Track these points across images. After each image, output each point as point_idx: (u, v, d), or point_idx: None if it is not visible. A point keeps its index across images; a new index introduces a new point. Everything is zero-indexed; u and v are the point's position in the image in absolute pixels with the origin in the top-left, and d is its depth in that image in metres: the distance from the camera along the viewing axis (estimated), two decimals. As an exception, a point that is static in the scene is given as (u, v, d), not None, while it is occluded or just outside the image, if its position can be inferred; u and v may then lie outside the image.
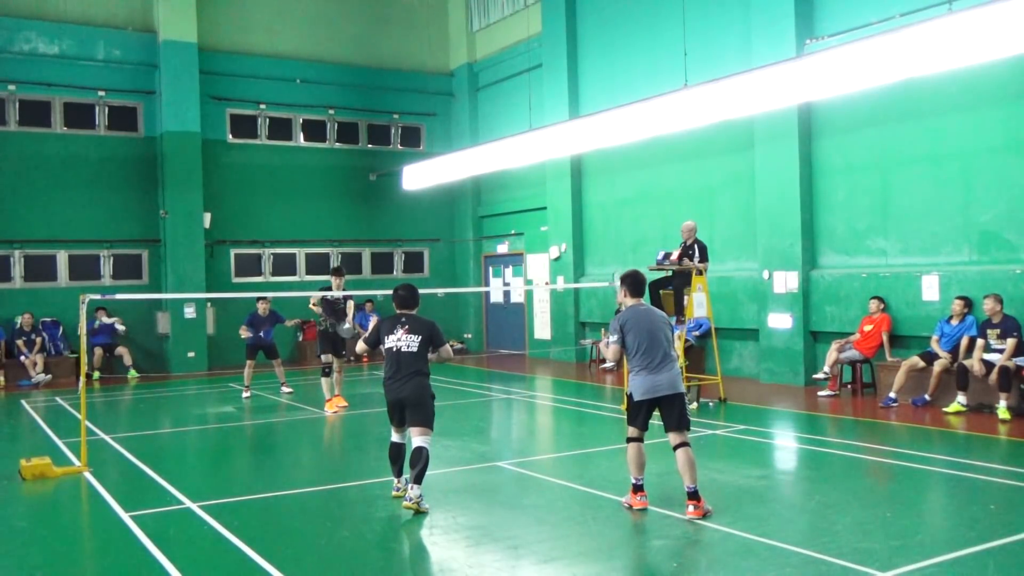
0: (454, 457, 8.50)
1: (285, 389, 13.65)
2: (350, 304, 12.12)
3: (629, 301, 6.57)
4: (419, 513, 6.28)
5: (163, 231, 17.46)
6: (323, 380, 11.86)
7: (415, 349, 6.57)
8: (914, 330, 11.38)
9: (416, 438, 6.47)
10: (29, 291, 16.67)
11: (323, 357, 11.89)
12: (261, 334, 13.53)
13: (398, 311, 6.83)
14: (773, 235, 13.06)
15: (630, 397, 6.48)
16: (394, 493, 6.76)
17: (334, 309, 11.83)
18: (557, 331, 18.04)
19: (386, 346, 6.66)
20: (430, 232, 21.12)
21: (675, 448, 6.28)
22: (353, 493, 7.16)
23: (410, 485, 6.33)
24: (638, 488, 6.34)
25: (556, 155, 15.62)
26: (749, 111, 11.03)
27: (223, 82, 18.47)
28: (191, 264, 17.41)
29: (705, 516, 6.02)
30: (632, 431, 6.45)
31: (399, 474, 6.76)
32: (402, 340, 6.60)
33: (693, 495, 6.10)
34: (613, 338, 6.47)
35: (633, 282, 6.58)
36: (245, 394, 13.19)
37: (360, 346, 7.02)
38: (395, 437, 6.78)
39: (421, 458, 6.35)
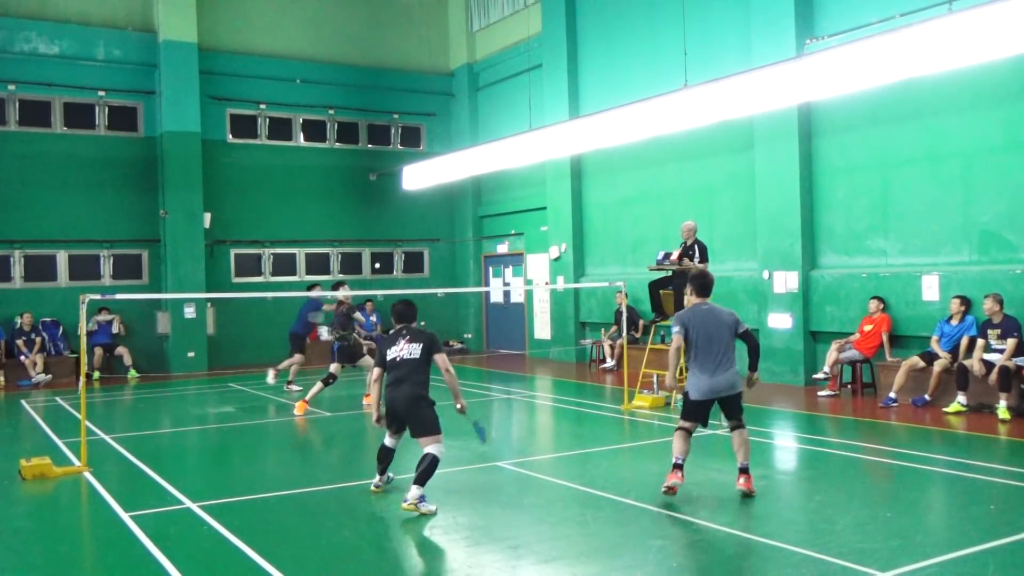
0: (454, 457, 8.49)
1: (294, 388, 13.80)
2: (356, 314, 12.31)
3: (694, 300, 6.82)
4: (423, 515, 6.25)
5: (163, 231, 17.46)
6: (320, 384, 11.67)
7: (416, 356, 6.66)
8: (914, 330, 11.38)
9: (425, 447, 6.51)
10: (29, 291, 16.67)
11: (333, 367, 11.74)
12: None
13: (397, 325, 6.93)
14: (773, 235, 13.06)
15: (686, 395, 6.73)
16: (373, 488, 7.02)
17: (339, 319, 11.89)
18: (557, 331, 18.04)
19: (389, 359, 6.74)
20: (430, 232, 21.13)
21: (732, 429, 6.72)
22: (353, 493, 7.16)
23: (413, 485, 6.35)
24: (678, 467, 6.58)
25: (556, 155, 15.62)
26: (749, 111, 11.03)
27: (223, 82, 18.48)
28: (191, 264, 17.41)
29: (752, 494, 6.46)
30: (686, 423, 6.71)
31: (382, 472, 7.02)
32: (404, 349, 6.71)
33: (744, 470, 6.58)
34: (676, 329, 6.68)
35: (700, 283, 6.83)
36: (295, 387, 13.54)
37: (375, 373, 6.92)
38: (387, 441, 6.95)
39: (425, 461, 6.41)
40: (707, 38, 14.06)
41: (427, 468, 6.39)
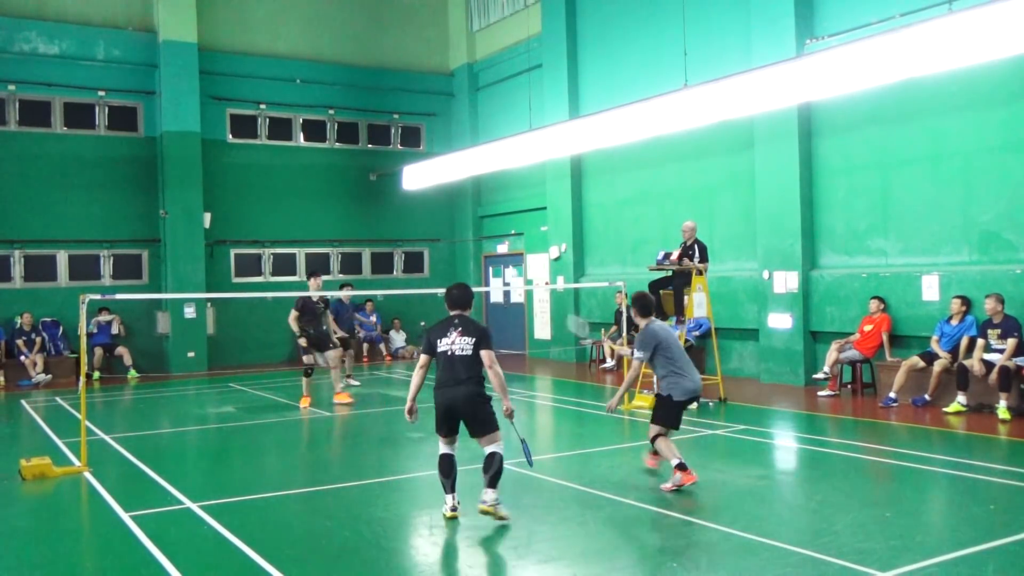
0: (454, 457, 8.50)
1: (353, 382, 14.10)
2: (328, 315, 12.57)
3: (644, 320, 7.32)
4: (500, 519, 6.02)
5: (163, 231, 17.46)
6: (304, 380, 12.09)
7: (469, 352, 6.17)
8: (914, 330, 11.38)
9: (487, 447, 6.19)
10: (29, 291, 16.67)
11: (306, 358, 12.03)
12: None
13: (451, 312, 6.42)
14: (773, 235, 13.06)
15: (668, 398, 7.11)
16: (448, 513, 6.21)
17: (315, 313, 12.07)
18: (557, 331, 18.04)
19: (439, 350, 6.24)
20: (430, 232, 21.12)
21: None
22: (353, 493, 7.16)
23: (485, 490, 6.08)
24: (684, 467, 6.82)
25: (556, 155, 15.62)
26: (749, 111, 11.03)
27: (223, 82, 18.47)
28: (191, 264, 17.41)
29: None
30: (662, 429, 7.09)
31: (452, 489, 6.27)
32: (456, 343, 6.20)
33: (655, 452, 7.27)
34: (640, 355, 7.19)
35: (645, 304, 7.39)
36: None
37: (421, 359, 6.38)
38: (445, 448, 6.32)
39: (495, 462, 6.10)
40: (707, 38, 14.06)
41: (498, 468, 6.09)
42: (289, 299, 17.40)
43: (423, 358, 6.38)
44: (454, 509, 6.21)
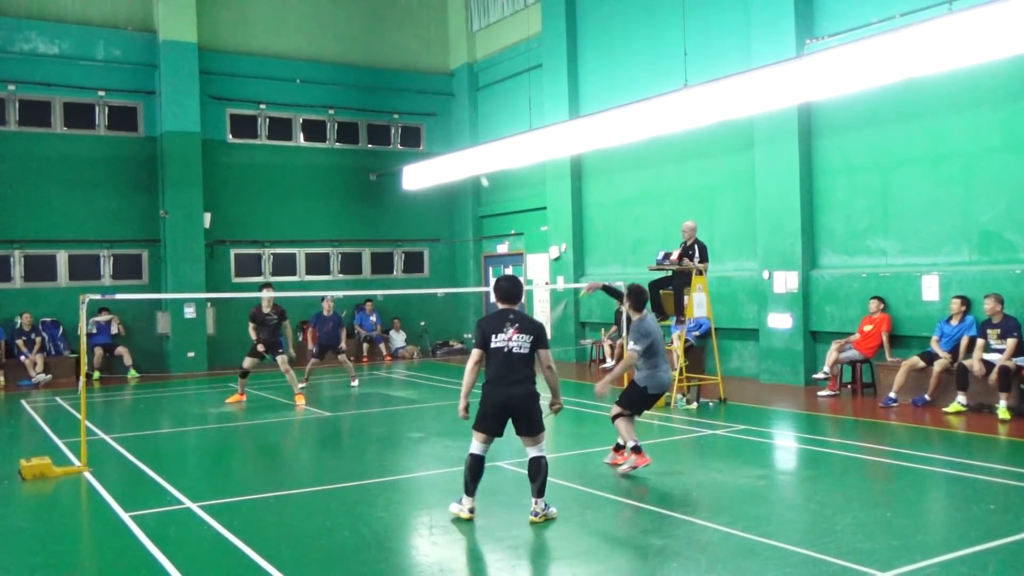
0: (454, 457, 8.50)
1: (354, 384, 14.38)
2: (287, 323, 12.84)
3: (636, 314, 7.65)
4: (548, 520, 6.01)
5: (163, 231, 17.46)
6: (240, 380, 12.68)
7: (527, 351, 6.00)
8: (914, 330, 11.38)
9: (531, 449, 6.08)
10: (29, 291, 16.67)
11: (247, 361, 12.59)
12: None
13: (502, 306, 6.17)
14: (773, 235, 13.06)
15: (643, 389, 7.52)
16: (465, 514, 6.06)
17: (265, 323, 12.52)
18: (557, 331, 18.03)
19: (493, 346, 6.01)
20: (430, 232, 21.12)
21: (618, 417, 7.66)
22: (353, 493, 7.15)
23: (534, 500, 6.00)
24: (639, 449, 7.35)
25: (556, 155, 15.62)
26: (749, 111, 11.03)
27: (223, 82, 18.48)
28: (191, 264, 17.41)
29: (624, 470, 7.38)
30: (626, 412, 7.58)
31: (474, 492, 6.08)
32: (513, 340, 5.99)
33: (619, 448, 7.76)
34: (638, 347, 7.43)
35: (640, 299, 7.73)
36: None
37: (475, 355, 6.12)
38: (479, 449, 6.11)
39: (541, 469, 5.99)
40: (707, 38, 14.06)
41: (545, 474, 6.01)
42: (290, 299, 17.50)
43: (477, 353, 6.10)
44: (471, 511, 6.07)
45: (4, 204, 16.52)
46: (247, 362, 12.61)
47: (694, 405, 11.06)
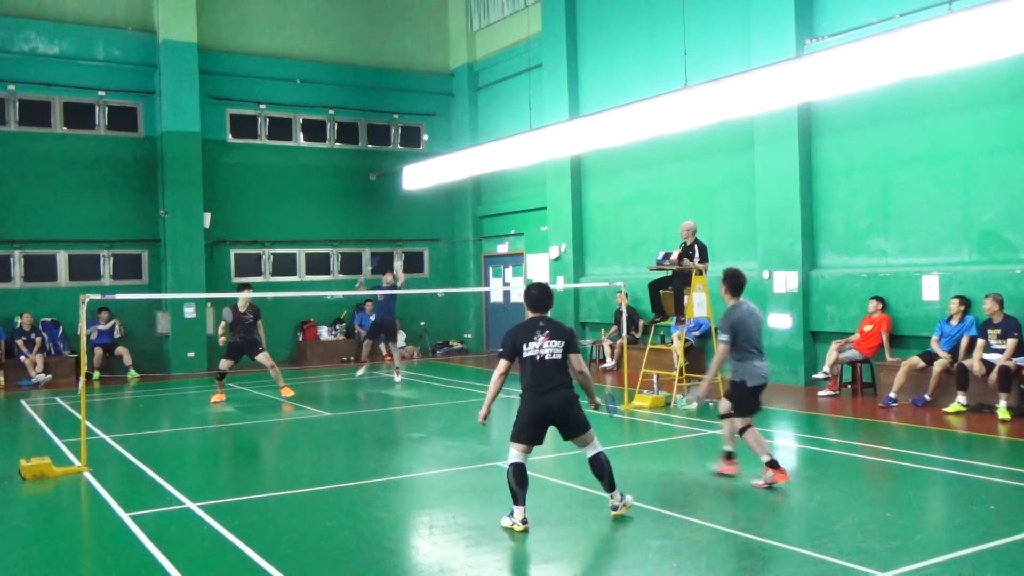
0: (454, 457, 8.51)
1: (397, 378, 14.80)
2: (260, 324, 13.01)
3: (733, 300, 7.14)
4: (628, 510, 6.12)
5: (163, 231, 17.46)
6: (217, 381, 12.89)
7: (559, 357, 6.02)
8: (914, 330, 11.38)
9: (586, 449, 6.10)
10: (29, 291, 16.67)
11: (224, 363, 12.71)
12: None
13: (533, 314, 6.22)
14: (773, 235, 13.06)
15: (741, 384, 7.01)
16: (519, 527, 5.82)
17: (241, 322, 12.67)
18: (557, 331, 18.00)
19: (526, 354, 6.03)
20: (430, 232, 21.12)
21: (726, 416, 7.28)
22: (353, 493, 7.15)
23: (610, 494, 6.06)
24: (775, 464, 6.87)
25: (556, 155, 15.62)
26: (749, 111, 11.03)
27: (223, 82, 18.47)
28: (191, 264, 17.41)
29: (734, 473, 7.08)
30: (745, 420, 7.05)
31: (524, 500, 5.88)
32: (544, 347, 6.01)
33: (729, 456, 7.27)
34: (726, 338, 6.97)
35: (736, 283, 7.15)
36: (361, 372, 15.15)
37: (501, 366, 6.15)
38: (520, 457, 5.98)
39: (604, 465, 6.03)
40: (707, 38, 14.06)
41: (610, 469, 6.05)
42: (290, 299, 17.55)
43: (504, 364, 6.13)
44: (525, 522, 5.84)
45: (4, 204, 16.52)
46: (224, 364, 12.72)
47: (694, 405, 11.06)
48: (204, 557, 5.53)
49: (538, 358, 6.03)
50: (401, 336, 19.73)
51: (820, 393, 11.71)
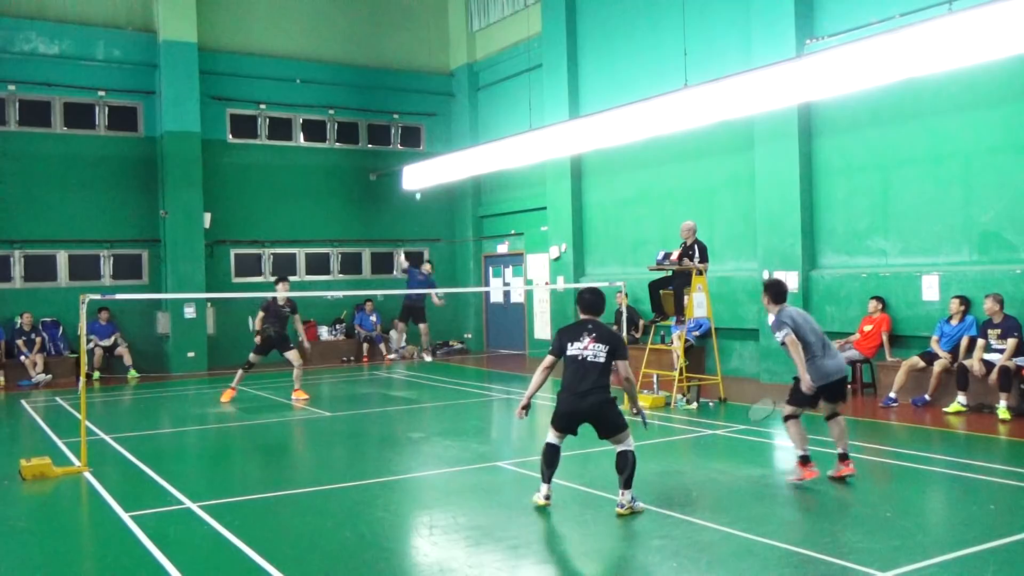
0: (454, 457, 8.51)
1: (427, 357, 15.58)
2: (298, 317, 12.95)
3: (776, 307, 7.09)
4: (634, 514, 6.11)
5: (163, 231, 17.46)
6: (240, 371, 12.75)
7: (602, 360, 6.14)
8: (914, 330, 11.38)
9: (619, 446, 6.23)
10: (29, 291, 16.67)
11: (254, 356, 12.67)
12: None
13: (583, 316, 6.39)
14: (773, 235, 13.06)
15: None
16: (542, 501, 6.32)
17: (278, 315, 12.58)
18: (556, 331, 18.00)
19: (569, 353, 6.22)
20: (430, 232, 21.12)
21: (831, 417, 7.15)
22: (353, 493, 7.15)
23: (622, 491, 6.12)
24: (807, 460, 6.85)
25: (556, 155, 15.62)
26: (749, 111, 11.04)
27: (223, 82, 18.48)
28: (191, 264, 17.41)
29: (852, 474, 6.86)
30: (794, 410, 7.06)
31: (550, 479, 6.35)
32: (588, 349, 6.16)
33: (844, 457, 6.98)
34: (784, 331, 6.89)
35: (778, 291, 7.14)
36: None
37: (546, 360, 6.41)
38: (554, 439, 6.35)
39: (628, 462, 6.14)
40: (707, 38, 14.06)
41: (632, 467, 6.14)
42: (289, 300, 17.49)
43: (549, 359, 6.38)
44: (547, 498, 6.31)
45: (4, 204, 16.52)
46: (254, 357, 12.63)
47: (694, 405, 11.06)
48: (204, 557, 5.53)
49: (580, 358, 6.20)
50: (402, 336, 19.75)
51: (820, 393, 11.69)
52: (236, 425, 11.02)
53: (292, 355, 12.67)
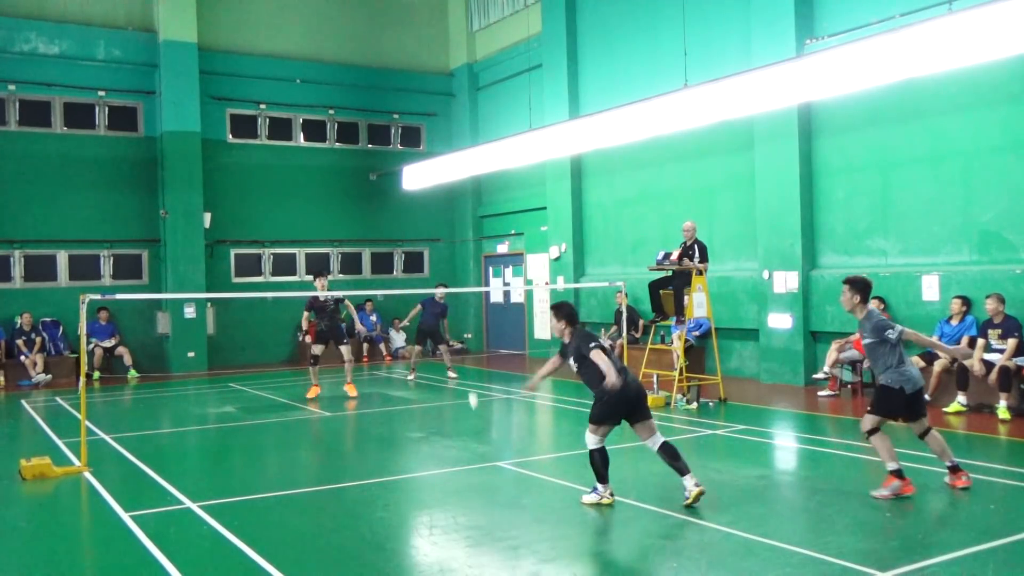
0: (454, 457, 8.51)
1: (451, 375, 15.10)
2: (348, 303, 13.24)
3: (865, 308, 6.84)
4: (702, 495, 6.29)
5: (163, 231, 17.46)
6: (310, 369, 12.99)
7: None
8: (914, 330, 11.35)
9: (656, 441, 6.53)
10: (29, 291, 16.67)
11: (315, 348, 12.92)
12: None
13: (573, 324, 6.79)
14: (773, 235, 13.06)
15: (899, 391, 6.62)
16: (607, 499, 6.45)
17: (324, 309, 12.85)
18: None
19: (605, 345, 6.67)
20: (430, 232, 21.12)
21: (924, 435, 6.81)
22: (353, 493, 7.16)
23: (685, 477, 6.35)
24: (901, 474, 6.52)
25: (556, 155, 15.61)
26: (749, 111, 11.02)
27: (223, 82, 18.48)
28: (191, 264, 17.41)
29: (968, 486, 6.59)
30: (879, 420, 6.72)
31: (607, 479, 6.50)
32: (607, 343, 6.81)
33: (955, 468, 6.70)
34: (899, 328, 6.67)
35: (864, 286, 6.87)
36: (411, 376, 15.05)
37: (557, 358, 6.96)
38: (600, 443, 6.52)
39: (671, 449, 6.48)
40: (707, 38, 14.06)
41: (678, 453, 6.49)
42: (289, 299, 17.55)
43: (559, 359, 6.91)
44: (612, 495, 6.49)
45: (4, 204, 16.52)
46: (317, 348, 12.85)
47: (694, 405, 11.06)
48: (204, 557, 5.53)
49: (611, 348, 6.71)
50: (401, 336, 19.75)
51: (820, 393, 11.71)
52: (236, 425, 11.02)
53: (345, 350, 13.01)
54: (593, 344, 6.46)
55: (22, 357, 15.64)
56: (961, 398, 10.06)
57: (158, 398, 13.96)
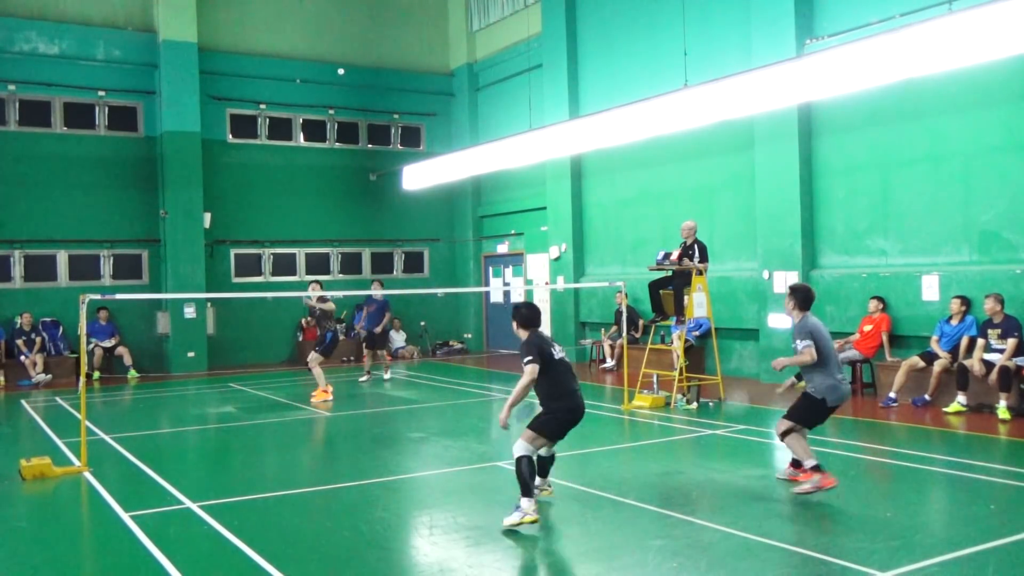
0: (454, 457, 8.51)
1: (386, 376, 15.32)
2: (329, 305, 13.22)
3: (801, 314, 6.94)
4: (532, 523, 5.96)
5: (163, 231, 17.46)
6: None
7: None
8: (914, 330, 11.38)
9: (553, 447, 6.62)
10: (29, 291, 16.67)
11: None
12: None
13: (531, 328, 6.62)
14: (773, 235, 13.06)
15: (823, 402, 6.72)
16: (530, 516, 5.88)
17: (314, 315, 13.37)
18: (557, 331, 18.03)
19: (556, 357, 6.32)
20: (430, 232, 21.12)
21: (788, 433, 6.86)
22: (353, 493, 7.16)
23: (543, 480, 6.58)
24: (819, 468, 6.57)
25: (556, 155, 15.62)
26: (749, 111, 11.02)
27: (223, 82, 18.48)
28: (191, 264, 17.41)
29: (805, 493, 6.56)
30: (793, 425, 6.80)
31: (533, 492, 6.09)
32: (562, 352, 6.47)
33: (799, 464, 6.82)
34: (807, 342, 6.73)
35: (806, 296, 6.99)
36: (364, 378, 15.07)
37: (534, 370, 6.20)
38: (534, 451, 6.30)
39: (548, 467, 6.74)
40: (707, 38, 14.06)
41: (548, 471, 6.71)
42: (289, 299, 17.56)
43: (536, 368, 6.20)
44: (537, 510, 6.01)
45: (4, 204, 16.52)
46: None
47: (694, 405, 11.06)
48: (204, 557, 5.53)
49: (566, 360, 6.42)
50: (401, 336, 19.75)
51: (820, 393, 11.69)
52: (236, 425, 11.02)
53: (311, 356, 13.02)
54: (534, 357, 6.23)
55: (22, 357, 15.63)
56: (961, 398, 10.06)
57: (158, 398, 13.95)
